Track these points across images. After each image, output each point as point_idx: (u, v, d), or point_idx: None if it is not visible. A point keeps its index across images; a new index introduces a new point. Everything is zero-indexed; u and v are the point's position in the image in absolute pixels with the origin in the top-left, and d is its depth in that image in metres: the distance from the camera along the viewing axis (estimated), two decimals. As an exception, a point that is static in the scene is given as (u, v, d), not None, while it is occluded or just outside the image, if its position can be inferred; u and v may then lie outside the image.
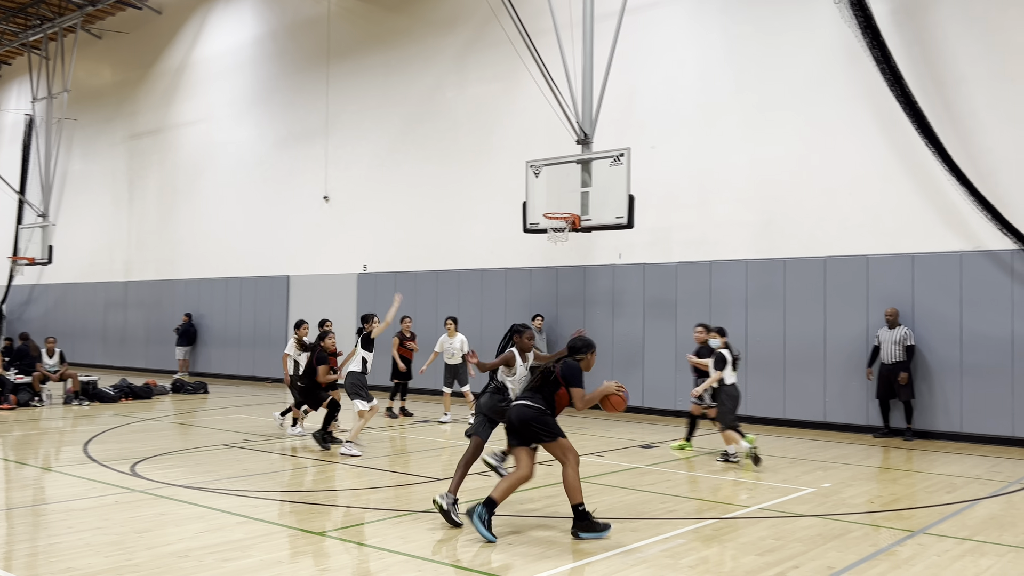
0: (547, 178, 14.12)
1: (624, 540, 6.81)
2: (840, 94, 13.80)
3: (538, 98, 15.29)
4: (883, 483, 9.44)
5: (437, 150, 19.12)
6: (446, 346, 14.34)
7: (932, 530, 7.23)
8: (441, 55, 19.14)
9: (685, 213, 15.34)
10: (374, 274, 20.11)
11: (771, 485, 9.17)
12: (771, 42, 14.57)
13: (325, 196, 21.28)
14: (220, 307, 23.65)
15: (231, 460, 10.49)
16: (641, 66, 15.96)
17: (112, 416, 14.94)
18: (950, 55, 12.82)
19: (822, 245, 13.94)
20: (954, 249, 12.78)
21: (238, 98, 23.84)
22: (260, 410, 16.16)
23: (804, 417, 13.87)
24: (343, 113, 21.04)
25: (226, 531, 6.95)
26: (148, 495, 8.33)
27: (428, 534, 6.97)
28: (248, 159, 23.37)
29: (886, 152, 13.36)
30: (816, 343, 13.83)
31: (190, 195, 25.02)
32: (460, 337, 14.38)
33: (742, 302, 14.60)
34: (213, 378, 22.83)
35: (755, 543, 6.72)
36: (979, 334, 12.42)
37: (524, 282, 17.37)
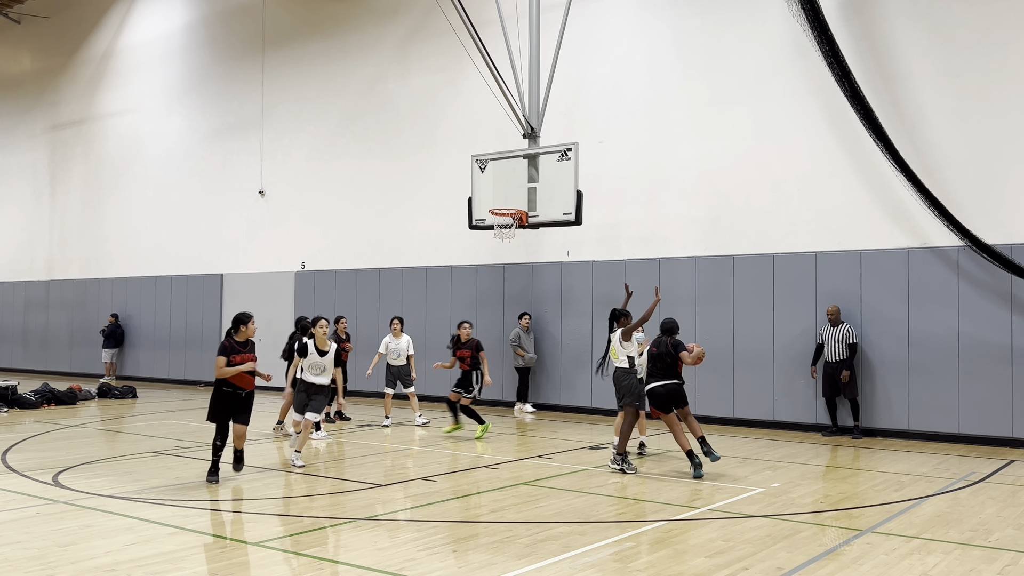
0: (493, 173, 13.78)
1: (572, 544, 6.68)
2: (788, 88, 13.76)
3: (483, 90, 14.94)
4: (831, 482, 9.43)
5: (379, 143, 18.60)
6: (391, 347, 13.85)
7: (880, 529, 7.24)
8: (382, 45, 18.62)
9: (634, 209, 15.15)
10: (313, 272, 19.50)
11: (720, 486, 9.07)
12: (719, 35, 14.46)
13: (261, 191, 20.57)
14: (149, 307, 22.71)
15: (161, 468, 9.95)
16: (588, 59, 15.73)
17: (33, 423, 14.12)
18: (897, 50, 12.85)
19: (771, 242, 13.87)
20: (901, 246, 12.81)
21: (168, 88, 22.91)
22: (192, 415, 15.47)
23: (753, 416, 13.79)
24: (279, 104, 20.35)
25: (156, 543, 6.61)
26: (72, 506, 7.88)
27: (368, 542, 6.73)
28: (179, 152, 22.48)
29: (834, 148, 13.35)
30: (765, 341, 13.76)
31: (117, 189, 23.98)
32: (406, 338, 13.91)
33: (691, 299, 14.46)
34: (142, 382, 21.90)
35: (705, 545, 6.64)
36: (925, 331, 12.47)
37: (470, 280, 16.99)
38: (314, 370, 10.19)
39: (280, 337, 19.77)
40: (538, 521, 7.40)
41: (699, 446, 9.60)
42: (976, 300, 12.19)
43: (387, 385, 13.97)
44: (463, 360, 12.38)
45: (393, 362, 13.87)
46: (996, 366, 11.96)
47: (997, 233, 11.96)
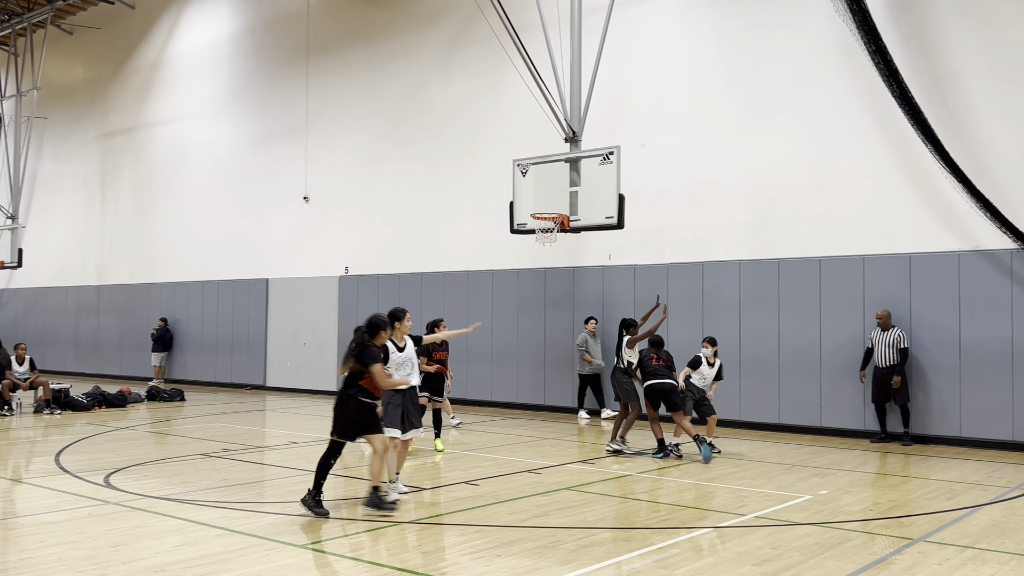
0: (535, 177, 13.76)
1: (616, 550, 6.65)
2: (834, 89, 13.55)
3: (525, 95, 14.93)
4: (881, 490, 9.25)
5: (421, 149, 18.72)
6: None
7: (932, 538, 7.09)
8: (425, 51, 18.74)
9: (676, 213, 15.04)
10: (356, 277, 19.67)
11: (767, 493, 8.94)
12: (763, 36, 14.31)
13: (305, 196, 20.81)
14: (196, 311, 23.09)
15: (209, 470, 10.09)
16: (630, 62, 15.66)
17: (85, 425, 14.43)
18: (947, 50, 12.60)
19: (817, 245, 13.67)
20: (951, 249, 12.55)
21: (215, 95, 23.30)
22: (239, 418, 15.70)
23: (799, 422, 13.59)
24: (323, 111, 20.58)
25: (205, 544, 6.70)
26: (123, 507, 8.03)
27: (413, 545, 6.74)
28: (225, 159, 22.84)
29: (882, 149, 13.13)
30: (811, 346, 13.56)
31: (165, 196, 24.43)
32: None
33: (735, 304, 14.31)
34: (190, 385, 22.28)
35: (751, 553, 6.55)
36: (977, 336, 12.19)
37: (511, 284, 17.00)
38: (402, 371, 8.55)
39: (325, 341, 20.07)
40: (582, 527, 7.37)
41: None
42: (1030, 304, 11.89)
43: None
44: (442, 363, 12.02)
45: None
46: (1052, 372, 11.66)
47: (1052, 235, 11.66)
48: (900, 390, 12.37)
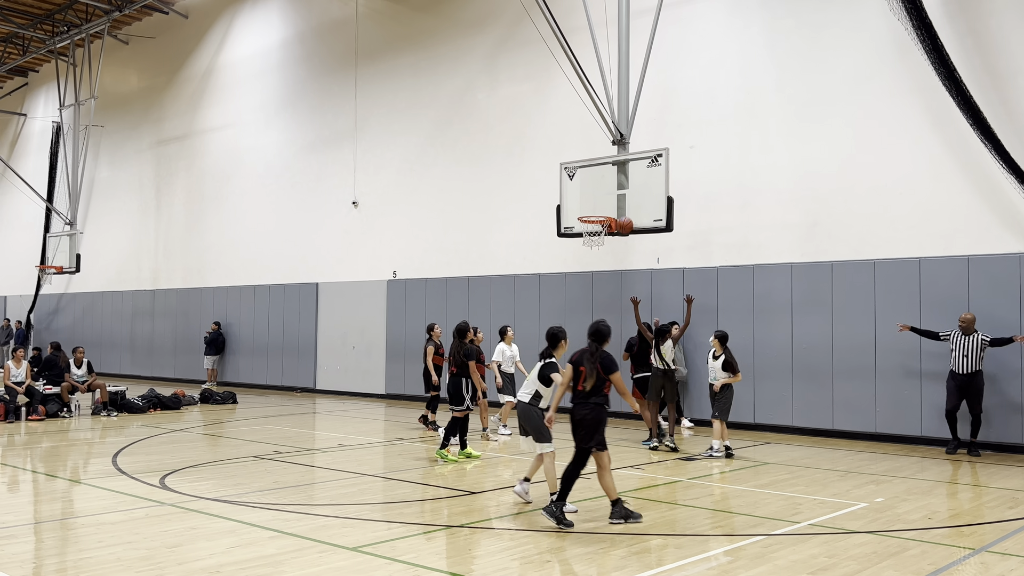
0: (582, 180, 13.74)
1: (668, 557, 6.60)
2: (889, 89, 13.28)
3: (572, 98, 14.89)
4: (940, 497, 9.02)
5: (468, 153, 18.78)
6: (507, 354, 13.88)
7: (995, 548, 6.91)
8: (471, 55, 18.81)
9: (726, 215, 14.87)
10: (404, 280, 19.80)
11: (821, 500, 8.78)
12: (815, 36, 14.08)
13: (354, 201, 21.00)
14: (248, 315, 23.45)
15: (261, 472, 10.22)
16: (679, 63, 15.53)
17: (140, 427, 14.72)
18: (1005, 47, 12.27)
19: (871, 247, 13.40)
20: (1012, 250, 12.20)
21: (265, 102, 23.66)
22: (290, 421, 15.88)
23: (854, 428, 13.32)
24: (371, 116, 20.76)
25: (258, 546, 6.80)
26: (178, 508, 8.17)
27: (463, 550, 6.76)
28: (276, 164, 23.17)
29: (938, 149, 12.82)
30: (866, 350, 13.28)
31: (217, 201, 24.87)
32: (516, 345, 14.11)
33: (787, 307, 14.09)
34: (242, 388, 22.61)
35: (806, 561, 6.43)
36: (1040, 339, 11.84)
37: (558, 288, 16.96)
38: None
39: (374, 344, 20.23)
40: (633, 533, 7.31)
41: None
42: (1096, 307, 11.51)
43: (504, 392, 13.74)
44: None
45: (507, 370, 13.88)
46: (1119, 377, 11.27)
47: (1119, 236, 11.28)
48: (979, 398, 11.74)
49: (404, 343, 19.38)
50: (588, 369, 7.64)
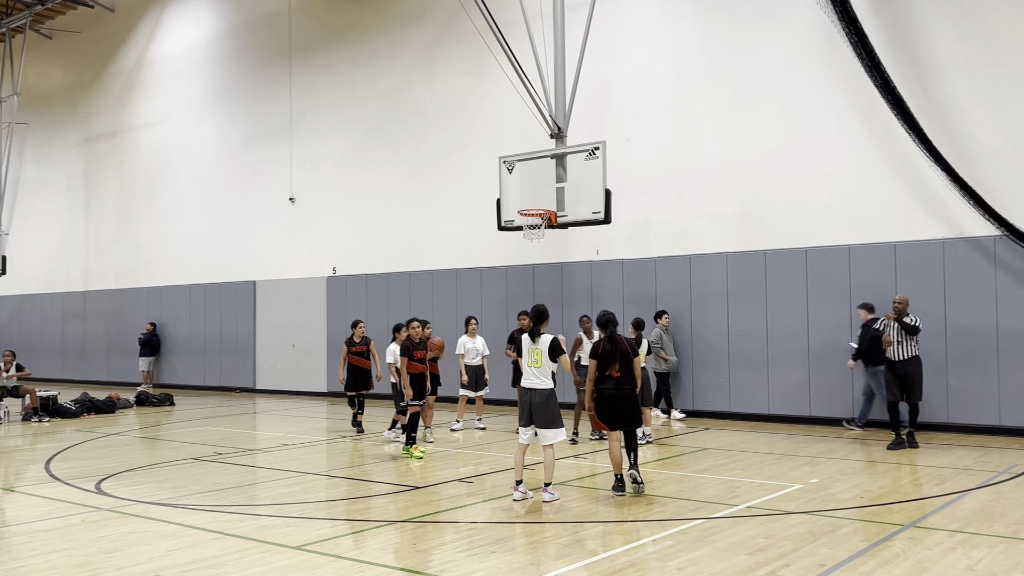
0: (521, 174, 13.77)
1: (611, 543, 6.70)
2: (817, 81, 13.63)
3: (510, 92, 14.94)
4: (871, 477, 9.31)
5: (406, 147, 18.69)
6: (468, 347, 13.69)
7: (922, 523, 7.17)
8: (408, 49, 18.71)
9: (663, 207, 15.09)
10: (344, 277, 19.63)
11: (758, 483, 9.02)
12: (746, 29, 14.36)
13: (291, 197, 20.75)
14: (184, 315, 22.99)
15: (201, 474, 10.07)
16: (614, 57, 15.69)
17: (74, 432, 14.35)
18: (928, 39, 12.69)
19: (802, 236, 13.75)
20: (936, 237, 12.65)
21: (197, 98, 23.19)
22: (230, 421, 15.65)
23: (789, 412, 13.67)
24: (307, 111, 20.52)
25: (199, 548, 6.71)
26: (116, 513, 8.01)
27: (408, 544, 6.80)
28: (209, 161, 22.74)
29: (865, 140, 13.21)
30: (799, 336, 13.64)
31: (150, 200, 24.31)
32: (481, 338, 13.88)
33: (723, 296, 14.37)
34: (178, 389, 22.18)
35: (744, 542, 6.60)
36: (963, 323, 12.29)
37: (500, 281, 17.01)
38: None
39: (314, 342, 20.02)
40: (576, 521, 7.40)
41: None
42: (1014, 290, 12.00)
43: (467, 388, 13.61)
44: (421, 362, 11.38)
45: (471, 362, 13.68)
46: (1037, 357, 11.77)
47: (1035, 221, 11.77)
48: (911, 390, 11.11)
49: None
50: (611, 356, 8.41)
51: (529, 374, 8.24)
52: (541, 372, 8.20)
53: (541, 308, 8.37)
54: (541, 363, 8.19)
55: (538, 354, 8.20)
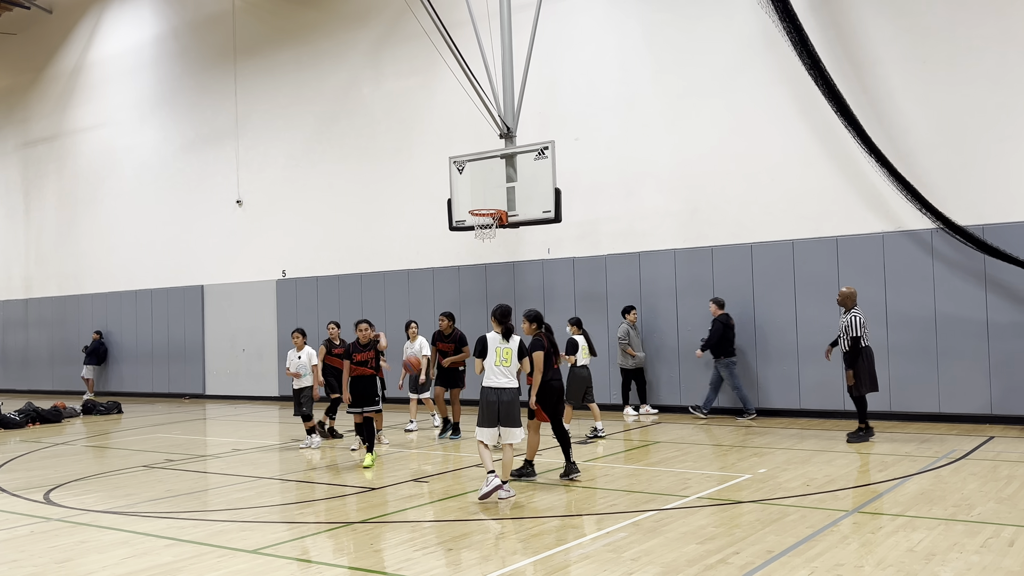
0: (471, 174, 13.86)
1: (566, 537, 6.80)
2: (760, 80, 13.92)
3: (458, 92, 15.00)
4: (817, 465, 9.54)
5: (355, 148, 18.62)
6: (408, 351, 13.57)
7: (866, 508, 7.39)
8: (354, 50, 18.64)
9: (612, 205, 15.27)
10: (294, 280, 19.48)
11: (709, 474, 9.21)
12: (689, 28, 14.60)
13: (238, 200, 20.52)
14: (130, 321, 22.58)
15: (153, 482, 9.94)
16: (561, 57, 15.83)
17: (19, 443, 14.03)
18: (865, 38, 13.04)
19: (747, 231, 14.03)
20: (876, 230, 13.01)
21: (140, 100, 22.79)
22: (180, 428, 15.44)
23: (738, 404, 13.92)
24: (253, 113, 20.31)
25: (153, 555, 6.63)
26: (66, 523, 7.87)
27: (364, 544, 6.83)
28: (154, 164, 22.37)
29: (807, 136, 13.53)
30: (746, 329, 13.91)
31: (92, 204, 23.82)
32: (420, 339, 13.38)
33: (672, 292, 14.60)
34: (127, 397, 21.80)
35: (695, 532, 6.74)
36: (903, 313, 12.67)
37: (452, 281, 17.05)
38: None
39: (265, 346, 19.83)
40: (531, 516, 7.49)
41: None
42: (951, 280, 12.41)
43: (411, 390, 13.45)
44: (365, 364, 10.67)
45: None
46: (973, 344, 12.19)
47: (969, 214, 12.18)
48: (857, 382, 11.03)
49: (297, 343, 19.06)
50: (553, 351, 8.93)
51: (497, 374, 8.21)
52: (510, 371, 8.25)
53: (507, 308, 8.42)
54: (511, 362, 8.26)
55: (508, 353, 8.25)
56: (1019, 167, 12.00)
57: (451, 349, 12.58)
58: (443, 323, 12.79)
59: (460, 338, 12.68)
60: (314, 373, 12.11)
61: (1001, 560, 5.74)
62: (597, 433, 11.88)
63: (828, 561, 5.83)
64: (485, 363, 8.28)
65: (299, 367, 12.09)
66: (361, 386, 10.63)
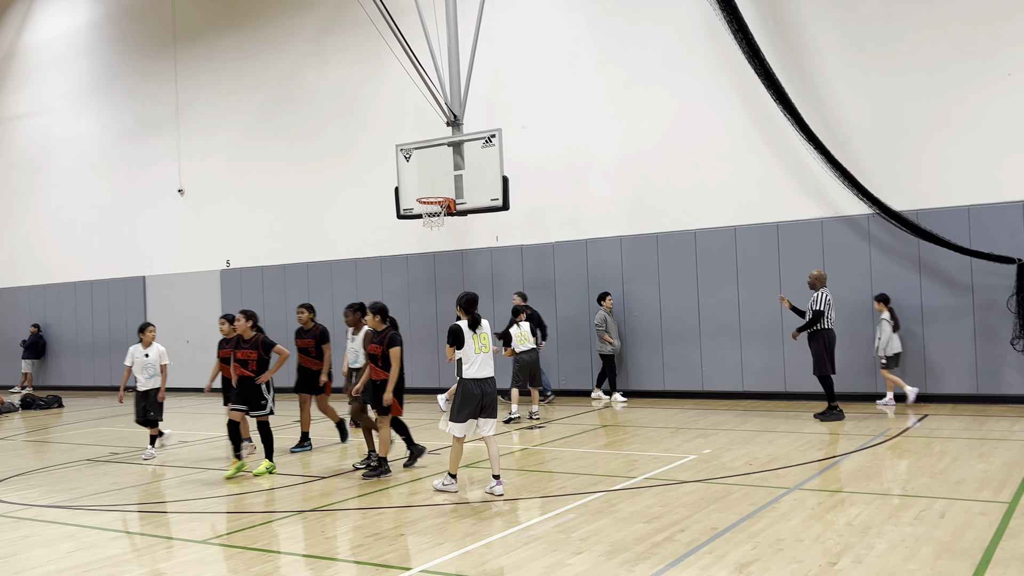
0: (419, 162, 13.83)
1: (517, 519, 6.91)
2: (702, 69, 14.13)
3: (405, 80, 14.93)
4: (760, 445, 9.80)
5: (300, 137, 18.42)
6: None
7: (806, 486, 7.63)
8: (298, 37, 18.42)
9: (559, 193, 15.39)
10: (239, 270, 19.24)
11: (655, 455, 9.40)
12: (633, 18, 14.75)
13: (180, 190, 20.17)
14: (69, 314, 22.07)
15: (97, 475, 9.79)
16: (507, 45, 15.86)
17: (-46, 438, 13.65)
18: (804, 27, 13.33)
19: (691, 218, 14.27)
20: (815, 216, 13.33)
21: (76, 88, 22.21)
22: (124, 421, 15.16)
23: (683, 387, 14.20)
24: (195, 101, 19.95)
25: (100, 548, 6.58)
26: (8, 518, 7.75)
27: (316, 532, 6.83)
28: (92, 153, 21.85)
29: (748, 125, 13.79)
30: (691, 314, 14.17)
31: (29, 194, 23.17)
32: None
33: (618, 278, 14.79)
34: (67, 391, 21.30)
35: (642, 512, 6.90)
36: (841, 297, 12.98)
37: (400, 270, 17.01)
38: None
39: (209, 338, 19.50)
40: (482, 500, 7.57)
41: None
42: (887, 265, 12.79)
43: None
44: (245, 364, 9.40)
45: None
46: (908, 326, 12.59)
47: (903, 200, 12.56)
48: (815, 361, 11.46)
49: (243, 334, 18.84)
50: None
51: (482, 363, 7.73)
52: (490, 358, 7.85)
53: (474, 296, 7.91)
54: (489, 348, 7.87)
55: (486, 339, 7.83)
56: (951, 154, 12.41)
57: (311, 346, 10.75)
58: (301, 316, 10.89)
59: (322, 333, 10.72)
60: (163, 374, 10.76)
61: (933, 531, 5.99)
62: (532, 416, 12.38)
63: (770, 536, 6.03)
64: (463, 353, 7.73)
65: (146, 366, 10.68)
66: (243, 387, 9.38)
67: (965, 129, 12.30)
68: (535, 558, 5.78)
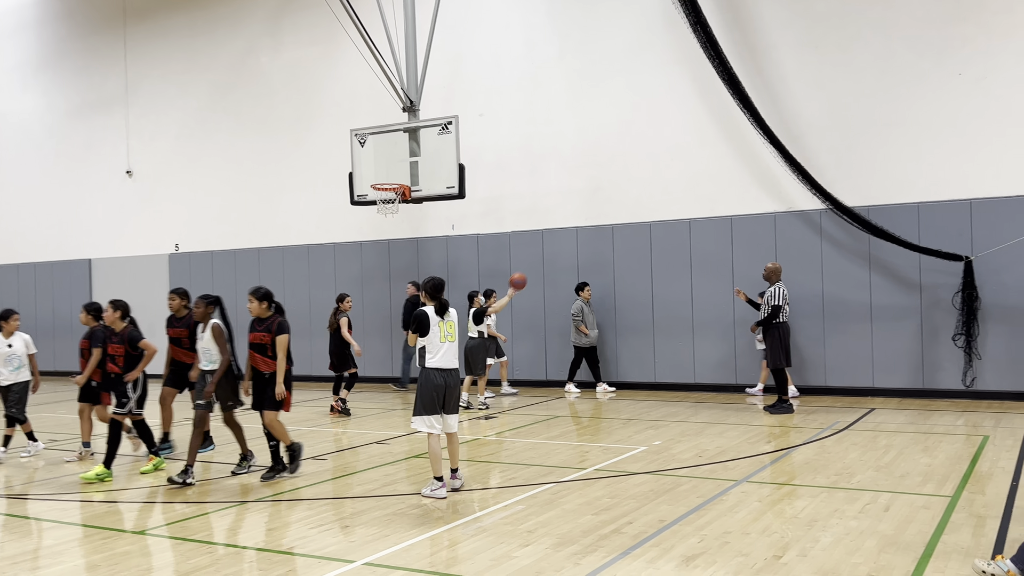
0: (374, 148, 13.65)
1: (465, 511, 6.84)
2: (660, 60, 14.12)
3: (360, 64, 14.70)
4: (709, 437, 9.85)
5: (253, 119, 18.06)
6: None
7: (754, 478, 7.68)
8: (252, 17, 18.04)
9: (516, 182, 15.29)
10: (188, 254, 18.85)
11: (606, 447, 9.40)
12: (592, 8, 14.68)
13: (128, 171, 19.68)
14: (11, 296, 21.41)
15: (34, 463, 9.47)
16: (466, 31, 15.69)
17: None
18: (761, 22, 13.38)
19: (647, 210, 14.28)
20: (769, 210, 13.42)
21: (22, 63, 21.52)
22: (66, 407, 14.76)
23: (636, 379, 14.23)
24: (145, 80, 19.45)
25: (33, 538, 6.45)
26: None
27: (258, 523, 6.70)
28: (37, 131, 21.21)
29: (705, 118, 13.82)
30: (645, 306, 14.20)
31: (-32, 172, 22.43)
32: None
33: (574, 269, 14.76)
34: (7, 374, 20.68)
35: (591, 503, 6.89)
36: (792, 291, 13.08)
37: (354, 257, 16.79)
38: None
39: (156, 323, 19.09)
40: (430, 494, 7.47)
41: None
42: (838, 260, 12.92)
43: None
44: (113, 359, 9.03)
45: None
46: (857, 322, 12.75)
47: (856, 196, 12.69)
48: (770, 353, 11.52)
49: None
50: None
51: (447, 352, 7.22)
52: (455, 347, 7.34)
53: (441, 281, 7.39)
54: (455, 337, 7.35)
55: (452, 327, 7.30)
56: (903, 151, 12.56)
57: (183, 335, 9.93)
58: (172, 303, 9.88)
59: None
60: (31, 364, 10.10)
61: (877, 524, 6.04)
62: (483, 406, 12.44)
63: (717, 529, 6.03)
64: (427, 341, 7.20)
65: (9, 358, 9.92)
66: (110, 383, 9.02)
67: (917, 127, 12.46)
68: (482, 550, 5.70)
